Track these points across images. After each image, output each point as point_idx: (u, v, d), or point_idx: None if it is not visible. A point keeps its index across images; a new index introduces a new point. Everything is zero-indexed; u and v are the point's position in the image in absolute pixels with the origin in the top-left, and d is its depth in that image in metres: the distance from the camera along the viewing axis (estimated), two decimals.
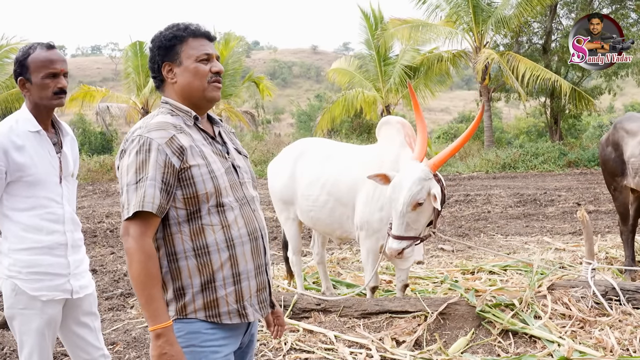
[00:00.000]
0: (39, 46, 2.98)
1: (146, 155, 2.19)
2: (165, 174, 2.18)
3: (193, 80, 2.35)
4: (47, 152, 2.98)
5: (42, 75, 2.94)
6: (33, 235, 2.93)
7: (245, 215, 2.34)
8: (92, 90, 25.36)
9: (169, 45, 2.36)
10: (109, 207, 13.97)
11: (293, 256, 5.97)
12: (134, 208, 2.15)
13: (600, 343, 4.29)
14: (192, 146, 2.26)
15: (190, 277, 2.25)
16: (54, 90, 2.96)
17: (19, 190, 2.92)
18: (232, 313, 2.30)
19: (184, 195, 2.23)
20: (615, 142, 6.20)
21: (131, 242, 2.16)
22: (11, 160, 2.85)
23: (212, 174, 2.27)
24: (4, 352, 4.80)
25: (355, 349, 4.46)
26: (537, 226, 10.04)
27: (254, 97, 38.63)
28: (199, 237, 2.25)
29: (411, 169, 4.42)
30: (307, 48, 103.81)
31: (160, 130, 2.23)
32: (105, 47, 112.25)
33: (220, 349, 2.29)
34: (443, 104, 61.71)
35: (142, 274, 2.15)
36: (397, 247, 4.43)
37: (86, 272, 3.19)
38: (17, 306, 2.94)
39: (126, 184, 2.20)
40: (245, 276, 2.32)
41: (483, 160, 21.86)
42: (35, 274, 2.93)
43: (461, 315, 4.76)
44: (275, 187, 5.77)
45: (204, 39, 2.39)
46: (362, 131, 29.04)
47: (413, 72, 23.59)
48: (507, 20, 21.71)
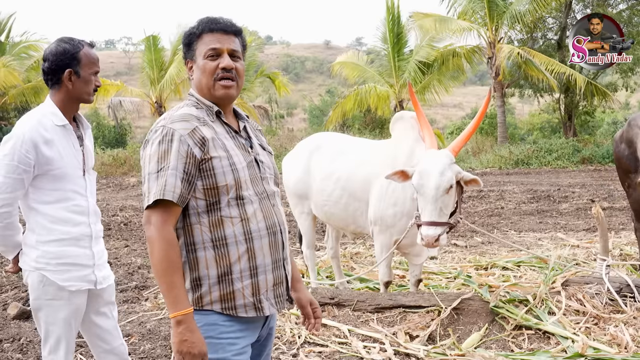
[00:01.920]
0: (85, 43, 3.06)
1: (168, 145, 2.20)
2: (187, 164, 2.20)
3: (201, 78, 2.35)
4: (72, 146, 3.03)
5: (91, 71, 3.02)
6: (61, 227, 2.98)
7: (264, 209, 2.35)
8: (106, 84, 25.43)
9: (187, 42, 2.39)
10: (123, 200, 14.04)
11: (307, 250, 5.99)
12: (155, 196, 2.17)
13: (615, 340, 4.28)
14: (214, 138, 2.27)
15: (208, 268, 2.26)
16: (94, 87, 3.06)
17: (46, 183, 2.95)
18: (248, 306, 2.30)
19: (204, 186, 2.24)
20: (629, 139, 6.16)
21: (153, 230, 2.18)
22: (40, 154, 2.88)
23: (233, 166, 2.27)
24: (21, 343, 4.85)
25: (369, 343, 4.47)
26: (551, 222, 10.01)
27: (267, 91, 38.66)
28: (217, 228, 2.26)
29: (435, 155, 4.42)
30: (320, 43, 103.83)
31: (183, 121, 2.25)
32: (119, 41, 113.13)
33: (238, 340, 2.30)
34: (456, 100, 61.44)
35: (163, 261, 2.16)
36: (433, 234, 4.33)
37: (106, 263, 3.25)
38: (45, 297, 2.98)
39: (148, 173, 2.22)
40: (262, 270, 2.32)
41: (496, 156, 21.77)
42: (64, 265, 2.98)
43: (475, 310, 4.76)
44: (289, 182, 5.79)
45: (220, 33, 2.35)
46: (375, 126, 29.00)
47: (427, 68, 23.52)
48: (522, 16, 21.58)
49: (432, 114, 52.30)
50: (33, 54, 28.28)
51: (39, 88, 26.18)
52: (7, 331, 5.12)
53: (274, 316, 2.51)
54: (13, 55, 27.03)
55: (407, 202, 4.86)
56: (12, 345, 4.84)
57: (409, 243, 5.02)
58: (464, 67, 24.29)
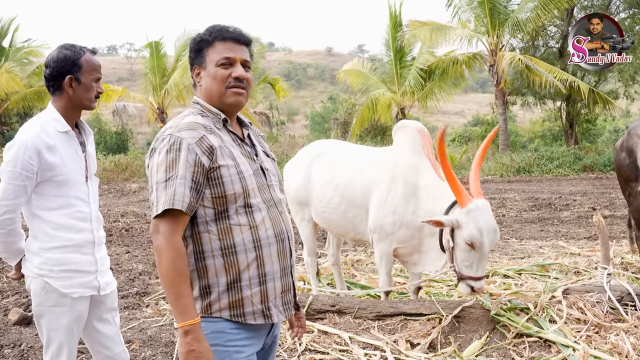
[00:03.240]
0: (86, 50, 3.05)
1: (176, 154, 2.21)
2: (195, 173, 2.20)
3: (212, 85, 2.35)
4: (75, 152, 3.04)
5: (92, 77, 3.03)
6: (64, 233, 2.98)
7: (272, 217, 2.36)
8: (108, 89, 25.49)
9: (197, 48, 2.38)
10: (124, 206, 14.05)
11: (308, 257, 5.99)
12: (164, 206, 2.17)
13: (616, 348, 4.27)
14: (222, 146, 2.28)
15: (217, 276, 2.26)
16: (95, 94, 3.06)
17: (49, 189, 2.96)
18: (256, 313, 2.31)
19: (212, 194, 2.24)
20: (629, 148, 6.17)
21: (161, 239, 2.18)
22: (43, 161, 2.89)
23: (241, 174, 2.28)
24: (22, 349, 4.85)
25: (370, 350, 4.47)
26: (552, 230, 10.01)
27: (268, 98, 38.71)
28: (226, 236, 2.26)
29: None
30: (322, 50, 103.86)
31: (190, 130, 2.25)
32: (121, 47, 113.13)
33: (244, 349, 2.31)
34: (458, 107, 61.48)
35: (171, 271, 2.17)
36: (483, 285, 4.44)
37: (109, 269, 3.25)
38: (47, 304, 2.99)
39: (156, 182, 2.22)
40: (270, 277, 2.33)
41: (498, 164, 21.76)
42: (67, 272, 2.98)
43: (476, 318, 4.75)
44: (290, 188, 5.80)
45: (232, 42, 2.36)
46: (376, 133, 29.00)
47: (428, 75, 23.57)
48: (524, 24, 21.60)
49: (433, 121, 52.29)
50: (34, 60, 28.37)
51: (41, 93, 26.28)
52: (8, 337, 5.13)
53: (278, 324, 2.52)
54: (14, 61, 27.14)
55: (408, 213, 4.87)
56: (12, 351, 4.83)
57: (407, 252, 5.03)
58: (465, 74, 24.32)
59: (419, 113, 28.48)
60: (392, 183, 4.97)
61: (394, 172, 4.96)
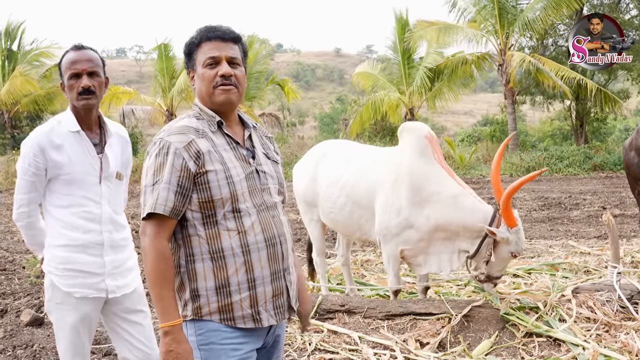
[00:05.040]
0: (71, 48, 3.03)
1: (164, 158, 2.24)
2: (181, 178, 2.22)
3: (202, 86, 2.35)
4: (87, 152, 3.03)
5: (67, 76, 2.99)
6: (69, 232, 2.99)
7: (263, 222, 2.34)
8: (119, 91, 25.58)
9: (187, 52, 2.40)
10: (134, 208, 14.08)
11: (317, 257, 6.00)
12: (148, 209, 2.22)
13: (626, 347, 4.25)
14: (211, 151, 2.28)
15: (205, 279, 2.28)
16: (78, 90, 2.97)
17: (58, 187, 2.99)
18: (246, 318, 2.31)
19: (199, 199, 2.26)
20: (638, 147, 6.16)
21: (147, 241, 2.23)
22: (49, 158, 2.93)
23: (230, 179, 2.28)
24: (34, 350, 4.89)
25: (379, 350, 4.48)
26: (562, 230, 9.98)
27: (279, 99, 38.73)
28: (215, 241, 2.27)
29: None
30: (330, 51, 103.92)
31: (180, 134, 2.27)
32: (130, 49, 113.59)
33: (241, 346, 2.31)
34: (467, 107, 61.40)
35: (153, 273, 2.21)
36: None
37: (129, 272, 3.20)
38: (54, 300, 3.02)
39: (145, 185, 2.27)
40: (260, 282, 2.32)
41: (507, 164, 21.67)
42: (69, 271, 2.99)
43: (485, 317, 4.76)
44: (298, 189, 5.82)
45: (217, 41, 2.35)
46: (385, 134, 28.98)
47: (436, 75, 23.53)
48: (533, 23, 21.51)
49: (442, 122, 52.23)
50: (45, 61, 28.46)
51: (52, 95, 26.38)
52: (20, 338, 5.17)
53: (281, 324, 2.51)
54: (26, 63, 27.26)
55: (416, 216, 4.87)
56: (25, 351, 4.88)
57: (412, 254, 5.03)
58: (474, 74, 24.25)
59: (427, 113, 28.44)
60: (395, 184, 4.96)
61: (398, 172, 4.96)
